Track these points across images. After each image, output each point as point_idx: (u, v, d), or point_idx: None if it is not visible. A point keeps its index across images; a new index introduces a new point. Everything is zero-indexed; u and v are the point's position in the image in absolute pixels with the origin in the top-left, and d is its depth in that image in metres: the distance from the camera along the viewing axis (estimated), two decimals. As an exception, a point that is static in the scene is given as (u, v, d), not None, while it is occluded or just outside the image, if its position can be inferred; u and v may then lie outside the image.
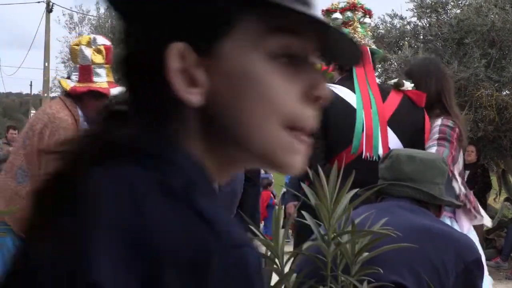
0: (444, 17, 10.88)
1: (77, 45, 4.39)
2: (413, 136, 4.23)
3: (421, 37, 11.30)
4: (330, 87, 4.20)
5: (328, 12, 4.53)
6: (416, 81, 4.43)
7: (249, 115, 0.98)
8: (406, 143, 4.12)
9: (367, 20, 4.57)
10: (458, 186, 4.20)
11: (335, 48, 1.07)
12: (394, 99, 4.29)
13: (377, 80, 4.49)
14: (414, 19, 11.45)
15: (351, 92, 4.20)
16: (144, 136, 0.97)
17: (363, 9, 4.52)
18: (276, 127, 0.99)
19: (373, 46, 4.53)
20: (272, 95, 0.98)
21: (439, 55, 10.35)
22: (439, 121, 4.29)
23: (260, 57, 0.98)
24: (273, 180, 15.17)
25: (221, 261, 0.88)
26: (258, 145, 1.00)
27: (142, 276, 0.86)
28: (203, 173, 0.99)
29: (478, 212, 4.34)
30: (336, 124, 4.06)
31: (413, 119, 4.28)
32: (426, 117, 4.31)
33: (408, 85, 4.37)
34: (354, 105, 4.16)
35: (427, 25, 11.12)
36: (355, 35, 4.42)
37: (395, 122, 4.19)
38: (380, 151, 4.07)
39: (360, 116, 4.12)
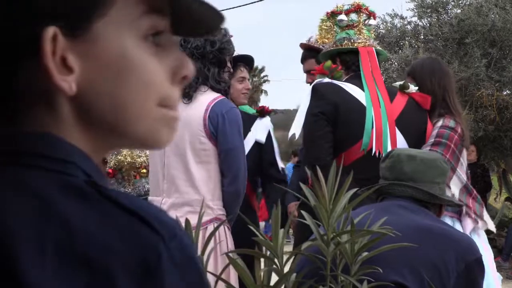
0: (444, 17, 10.89)
1: None
2: (418, 138, 4.27)
3: (422, 37, 11.31)
4: (340, 85, 4.23)
5: (333, 14, 4.55)
6: (419, 81, 4.45)
7: (127, 102, 0.95)
8: (411, 144, 4.16)
9: (371, 22, 4.59)
10: (451, 193, 4.21)
11: (191, 20, 1.03)
12: (401, 100, 4.33)
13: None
14: (415, 18, 11.48)
15: (360, 89, 4.24)
16: (25, 134, 0.92)
17: (367, 11, 4.54)
18: (152, 108, 0.97)
19: (378, 47, 4.55)
20: (148, 78, 0.96)
21: (440, 55, 10.36)
22: (440, 122, 4.30)
23: (134, 39, 0.95)
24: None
25: (168, 255, 0.86)
26: (138, 131, 0.97)
27: (89, 285, 0.82)
28: (94, 165, 0.97)
29: (481, 218, 4.34)
30: (346, 121, 4.11)
31: (418, 121, 4.33)
32: (429, 120, 4.35)
33: (413, 88, 4.41)
34: (364, 103, 4.19)
35: (428, 24, 11.13)
36: (360, 36, 4.45)
37: (401, 123, 4.23)
38: (389, 149, 4.09)
39: (370, 113, 4.15)
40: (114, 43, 0.93)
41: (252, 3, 18.90)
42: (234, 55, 4.89)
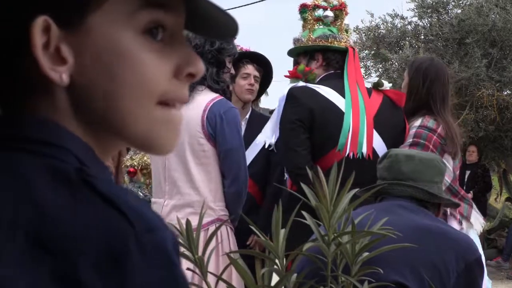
0: (445, 17, 10.89)
1: None
2: (395, 136, 4.25)
3: (422, 37, 11.31)
4: (314, 88, 4.21)
5: (316, 7, 4.49)
6: (411, 81, 4.40)
7: (122, 98, 0.93)
8: (388, 142, 4.14)
9: (347, 21, 4.57)
10: None
11: (208, 21, 1.02)
12: (376, 98, 4.31)
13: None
14: (415, 19, 11.48)
15: (334, 92, 4.21)
16: (19, 118, 0.92)
17: (346, 11, 4.52)
18: (149, 107, 0.95)
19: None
20: (144, 72, 0.94)
21: (440, 55, 10.36)
22: (418, 122, 4.26)
23: (131, 33, 0.93)
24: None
25: (138, 247, 0.85)
26: (136, 130, 0.96)
27: (53, 272, 0.81)
28: (92, 154, 0.96)
29: (467, 219, 4.33)
30: (322, 126, 4.08)
31: (394, 118, 4.31)
32: (405, 117, 4.35)
33: (387, 85, 4.39)
34: (339, 105, 4.16)
35: (428, 25, 11.13)
36: (342, 36, 4.43)
37: (378, 122, 4.20)
38: (364, 149, 4.09)
39: (348, 114, 4.13)
40: (108, 36, 0.92)
41: (254, 3, 18.90)
42: (243, 51, 4.88)
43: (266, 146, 4.76)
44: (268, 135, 4.51)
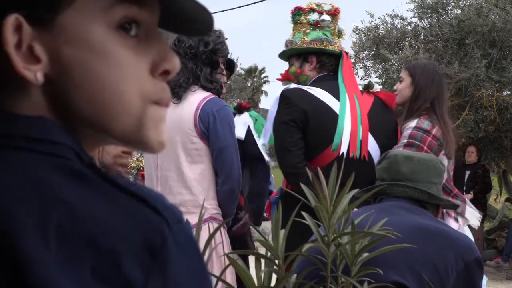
0: (444, 18, 10.88)
1: None
2: (387, 137, 4.28)
3: (422, 37, 11.30)
4: (307, 90, 4.23)
5: (311, 11, 4.51)
6: (417, 83, 4.42)
7: (103, 95, 0.92)
8: (380, 143, 4.19)
9: (340, 26, 4.61)
10: None
11: (184, 18, 1.01)
12: (367, 100, 4.34)
13: (378, 80, 4.53)
14: (415, 19, 11.46)
15: (326, 93, 4.23)
16: (13, 117, 0.90)
17: (339, 16, 4.56)
18: (133, 104, 0.94)
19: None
20: (120, 68, 0.92)
21: (440, 55, 10.36)
22: (413, 123, 4.29)
23: (105, 29, 0.92)
24: (273, 182, 15.14)
25: (173, 237, 0.88)
26: (120, 127, 0.95)
27: (95, 269, 0.82)
28: (83, 148, 0.95)
29: (462, 215, 4.34)
30: (315, 127, 4.13)
31: (385, 120, 4.35)
32: (396, 118, 4.40)
33: (378, 87, 4.43)
34: (332, 106, 4.20)
35: (428, 25, 11.12)
36: (334, 39, 4.46)
37: (370, 123, 4.23)
38: (358, 151, 4.13)
39: (343, 116, 4.15)
40: (82, 33, 0.91)
41: (254, 3, 18.87)
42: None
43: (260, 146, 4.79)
44: (242, 131, 4.55)
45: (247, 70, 55.51)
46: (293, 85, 4.32)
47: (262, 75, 58.30)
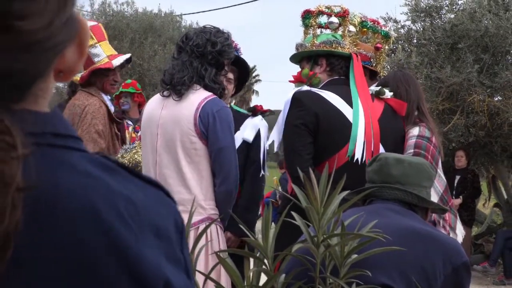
0: (438, 22, 10.89)
1: None
2: (395, 145, 4.28)
3: (415, 41, 11.31)
4: (319, 93, 4.21)
5: (320, 13, 4.50)
6: (394, 89, 4.45)
7: None
8: (389, 149, 4.16)
9: (352, 28, 4.58)
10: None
11: None
12: (378, 106, 4.33)
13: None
14: (408, 22, 11.47)
15: (338, 97, 4.22)
16: (37, 114, 0.93)
17: (348, 19, 4.53)
18: None
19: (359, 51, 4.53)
20: None
21: (432, 59, 10.38)
22: (416, 131, 4.32)
23: None
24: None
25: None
26: None
27: (166, 254, 0.94)
28: None
29: (454, 230, 4.37)
30: (326, 131, 4.10)
31: (394, 127, 4.35)
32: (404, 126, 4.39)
33: (388, 94, 4.41)
34: (343, 110, 4.18)
35: (421, 29, 11.13)
36: (345, 42, 4.43)
37: (380, 130, 4.23)
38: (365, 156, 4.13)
39: (356, 122, 4.14)
40: None
41: (244, 3, 18.85)
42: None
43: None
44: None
45: (238, 69, 55.36)
46: (305, 88, 4.30)
47: (253, 74, 58.29)
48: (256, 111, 5.04)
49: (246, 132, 4.91)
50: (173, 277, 0.93)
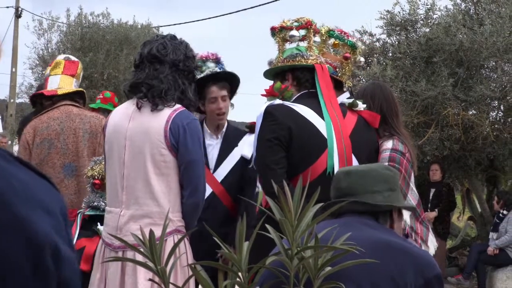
0: (413, 35, 10.95)
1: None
2: (369, 157, 4.27)
3: (390, 54, 11.36)
4: (292, 107, 4.21)
5: (282, 29, 4.50)
6: (368, 102, 4.48)
7: None
8: (362, 162, 4.15)
9: (317, 39, 4.59)
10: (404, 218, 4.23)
11: None
12: (351, 118, 4.33)
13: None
14: (384, 36, 11.52)
15: (311, 111, 4.21)
16: None
17: (315, 29, 4.52)
18: None
19: (327, 64, 4.52)
20: None
21: (408, 73, 10.43)
22: (389, 144, 4.34)
23: None
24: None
25: None
26: None
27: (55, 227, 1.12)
28: None
29: (426, 243, 4.39)
30: (299, 145, 4.09)
31: (368, 139, 4.35)
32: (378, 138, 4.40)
33: (361, 106, 4.41)
34: (316, 123, 4.18)
35: (396, 42, 11.18)
36: (311, 53, 4.43)
37: (352, 142, 4.22)
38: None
39: (331, 136, 4.13)
40: None
41: (218, 16, 18.90)
42: (206, 75, 4.92)
43: (250, 164, 4.76)
44: (250, 151, 4.50)
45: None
46: (277, 101, 4.29)
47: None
48: (253, 128, 5.07)
49: (244, 148, 4.96)
50: (61, 245, 1.07)
